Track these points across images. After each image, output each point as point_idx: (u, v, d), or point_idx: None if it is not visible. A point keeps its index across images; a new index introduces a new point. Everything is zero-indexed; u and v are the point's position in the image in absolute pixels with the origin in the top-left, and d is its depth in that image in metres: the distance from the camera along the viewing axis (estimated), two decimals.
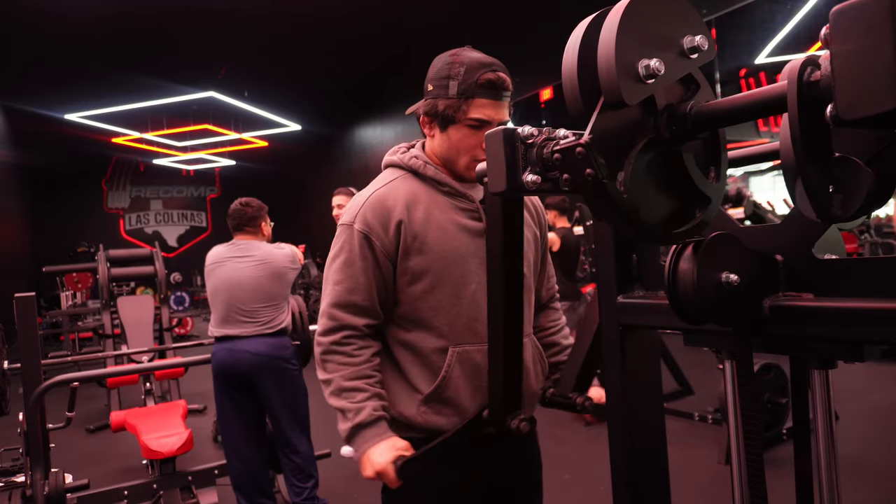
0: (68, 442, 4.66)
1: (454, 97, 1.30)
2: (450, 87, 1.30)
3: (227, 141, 12.97)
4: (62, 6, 6.95)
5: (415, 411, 1.36)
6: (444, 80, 1.32)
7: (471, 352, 1.34)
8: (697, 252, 0.68)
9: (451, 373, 1.33)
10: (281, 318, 3.01)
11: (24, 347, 2.72)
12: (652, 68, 0.65)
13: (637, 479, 0.85)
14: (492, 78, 1.30)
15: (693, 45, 0.69)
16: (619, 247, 0.87)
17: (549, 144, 0.85)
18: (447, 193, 1.38)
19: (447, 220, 1.36)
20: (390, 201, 1.36)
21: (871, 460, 3.51)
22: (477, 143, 1.32)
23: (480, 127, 1.31)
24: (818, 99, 0.57)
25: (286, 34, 8.37)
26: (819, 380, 0.73)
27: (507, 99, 1.34)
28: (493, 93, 1.31)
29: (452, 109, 1.31)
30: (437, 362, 1.34)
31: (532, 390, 1.44)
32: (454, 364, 1.33)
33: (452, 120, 1.32)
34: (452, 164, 1.38)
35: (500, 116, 1.32)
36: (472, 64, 1.30)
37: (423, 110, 1.37)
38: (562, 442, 4.24)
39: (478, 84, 1.29)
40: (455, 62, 1.32)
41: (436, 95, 1.33)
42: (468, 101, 1.30)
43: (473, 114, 1.30)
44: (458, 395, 1.34)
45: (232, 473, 2.95)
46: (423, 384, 1.35)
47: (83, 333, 9.32)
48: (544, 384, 1.46)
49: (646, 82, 0.66)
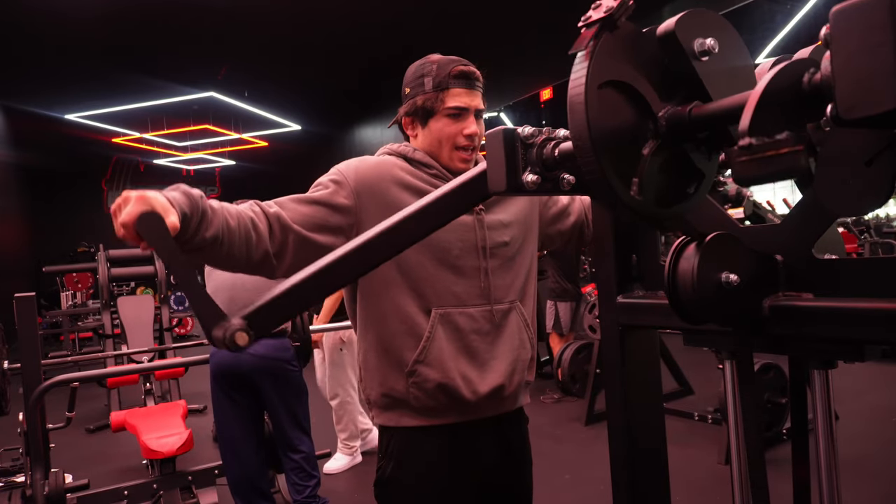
0: (68, 442, 4.66)
1: (431, 90, 1.40)
2: (425, 83, 1.40)
3: (227, 141, 12.98)
4: (62, 6, 6.95)
5: (403, 384, 1.38)
6: (419, 79, 1.42)
7: (452, 314, 1.38)
8: (697, 252, 0.68)
9: (434, 333, 1.37)
10: None
11: (24, 347, 2.72)
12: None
13: (637, 479, 0.85)
14: (463, 69, 1.40)
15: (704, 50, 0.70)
16: (619, 247, 0.87)
17: (550, 144, 0.85)
18: (434, 175, 1.43)
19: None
20: (382, 169, 1.42)
21: (871, 460, 3.52)
22: (457, 132, 1.41)
23: (459, 115, 1.40)
24: (818, 99, 0.57)
25: (286, 34, 8.38)
26: (819, 380, 0.73)
27: (479, 89, 1.43)
28: (467, 82, 1.40)
29: (431, 101, 1.40)
30: (421, 325, 1.37)
31: (520, 359, 1.47)
32: (437, 325, 1.37)
33: (431, 112, 1.41)
34: (437, 157, 1.44)
35: (475, 104, 1.42)
36: (443, 61, 1.41)
37: (404, 112, 1.46)
38: (562, 442, 4.24)
39: (451, 75, 1.39)
40: (427, 62, 1.43)
41: (413, 94, 1.43)
42: (444, 92, 1.39)
43: (450, 102, 1.39)
44: (441, 356, 1.37)
45: (229, 475, 2.95)
46: (408, 352, 1.37)
47: (83, 333, 9.33)
48: (531, 354, 1.50)
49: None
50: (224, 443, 2.97)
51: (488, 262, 1.41)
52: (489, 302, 1.42)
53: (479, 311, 1.41)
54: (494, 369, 1.42)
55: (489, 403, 1.43)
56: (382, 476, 1.43)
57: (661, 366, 0.94)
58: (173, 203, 0.98)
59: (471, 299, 1.40)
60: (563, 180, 0.87)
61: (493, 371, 1.41)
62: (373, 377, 1.42)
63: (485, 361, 1.41)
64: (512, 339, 1.45)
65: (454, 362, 1.38)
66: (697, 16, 0.71)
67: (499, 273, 1.44)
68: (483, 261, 1.41)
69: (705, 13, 0.72)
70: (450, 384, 1.37)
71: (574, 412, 4.76)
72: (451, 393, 1.37)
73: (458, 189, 0.95)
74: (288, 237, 1.25)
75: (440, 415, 1.40)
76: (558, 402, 5.09)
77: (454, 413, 1.40)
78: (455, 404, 1.39)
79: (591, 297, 5.06)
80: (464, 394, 1.38)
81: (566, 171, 0.87)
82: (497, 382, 1.41)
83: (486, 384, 1.40)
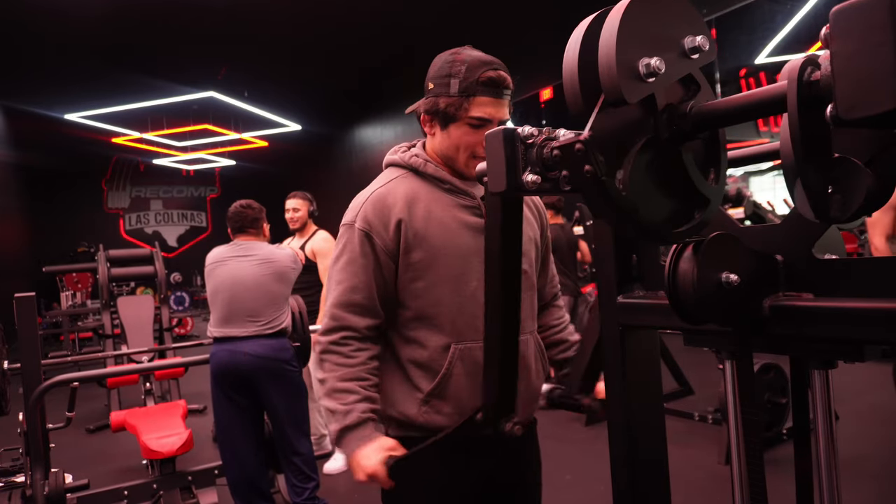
0: (68, 442, 4.66)
1: (455, 95, 1.31)
2: (451, 85, 1.31)
3: (227, 141, 12.97)
4: (63, 5, 6.95)
5: (416, 410, 1.36)
6: (445, 78, 1.33)
7: (473, 349, 1.34)
8: (697, 252, 0.68)
9: (452, 370, 1.33)
10: (282, 319, 3.00)
11: (24, 347, 2.71)
12: (653, 67, 0.65)
13: (637, 479, 0.85)
14: (493, 76, 1.31)
15: (694, 46, 0.69)
16: (620, 247, 0.87)
17: (549, 144, 0.85)
18: (448, 191, 1.38)
19: (449, 217, 1.37)
20: (390, 199, 1.37)
21: (871, 460, 3.51)
22: (477, 141, 1.33)
23: (481, 125, 1.32)
24: (818, 99, 0.57)
25: (286, 34, 8.38)
26: (819, 380, 0.73)
27: (507, 97, 1.35)
28: (495, 91, 1.31)
29: (454, 107, 1.32)
30: (440, 359, 1.34)
31: (533, 388, 1.44)
32: (455, 361, 1.34)
33: (453, 118, 1.33)
34: (453, 162, 1.38)
35: (500, 115, 1.33)
36: (474, 62, 1.31)
37: (424, 108, 1.38)
38: (562, 442, 4.24)
39: (479, 82, 1.30)
40: (456, 60, 1.33)
41: (437, 94, 1.34)
42: (469, 99, 1.31)
43: (474, 112, 1.31)
44: (458, 392, 1.34)
45: (229, 476, 2.94)
46: (424, 382, 1.35)
47: (83, 333, 9.33)
48: (546, 382, 1.47)
49: (646, 81, 0.66)
50: (224, 443, 2.97)
51: None
52: None
53: None
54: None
55: None
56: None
57: (661, 366, 0.94)
58: (383, 447, 1.30)
59: None
60: (563, 179, 0.87)
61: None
62: (385, 398, 1.41)
63: None
64: (528, 371, 1.43)
65: (470, 399, 1.34)
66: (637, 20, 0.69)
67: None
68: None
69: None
70: (464, 413, 1.34)
71: (574, 412, 4.76)
72: (463, 416, 1.34)
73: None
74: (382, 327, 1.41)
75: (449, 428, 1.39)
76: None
77: (464, 428, 1.38)
78: (466, 423, 1.37)
79: (591, 297, 5.06)
80: (477, 418, 1.36)
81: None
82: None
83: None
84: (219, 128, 11.83)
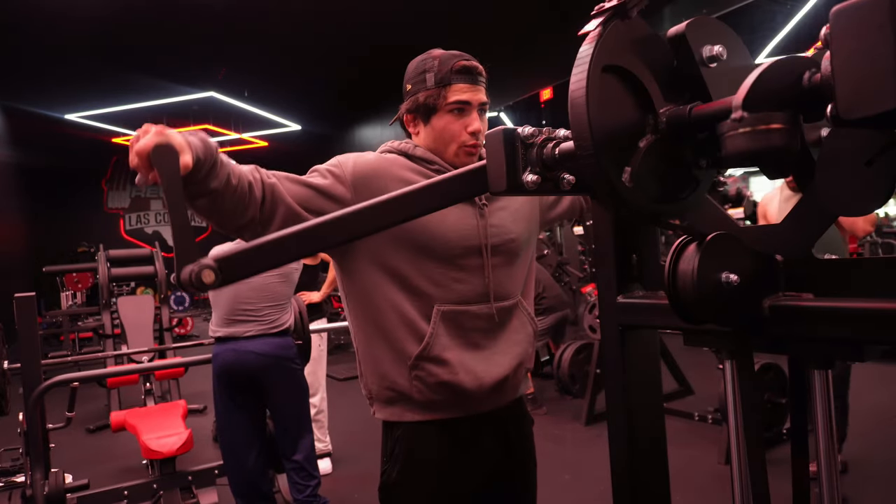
0: (68, 442, 4.66)
1: (433, 87, 1.37)
2: (427, 79, 1.38)
3: (227, 141, 12.96)
4: (63, 6, 6.95)
5: (406, 378, 1.36)
6: (420, 75, 1.40)
7: (455, 311, 1.37)
8: (697, 252, 0.68)
9: (436, 330, 1.35)
10: (285, 318, 3.01)
11: (24, 347, 2.71)
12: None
13: (637, 479, 0.85)
14: (465, 64, 1.37)
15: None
16: (619, 247, 0.87)
17: (550, 144, 0.85)
18: (436, 171, 1.40)
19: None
20: (381, 165, 1.38)
21: (871, 460, 3.51)
22: (461, 129, 1.38)
23: (462, 111, 1.37)
24: (818, 99, 0.57)
25: (286, 34, 8.37)
26: (819, 380, 0.73)
27: (482, 84, 1.41)
28: (469, 77, 1.38)
29: (433, 98, 1.37)
30: (424, 322, 1.36)
31: (525, 353, 1.47)
32: (439, 322, 1.36)
33: (434, 108, 1.38)
34: (442, 154, 1.41)
35: (478, 98, 1.39)
36: (445, 56, 1.39)
37: (406, 108, 1.43)
38: (562, 442, 4.24)
39: (453, 70, 1.37)
40: (428, 58, 1.40)
41: (415, 91, 1.40)
42: (447, 88, 1.37)
43: (452, 97, 1.36)
44: (445, 352, 1.36)
45: (230, 475, 2.94)
46: (410, 346, 1.36)
47: (83, 333, 9.32)
48: (535, 347, 1.51)
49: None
50: (225, 443, 2.97)
51: (491, 260, 1.40)
52: (493, 300, 1.41)
53: (482, 309, 1.39)
54: (499, 363, 1.41)
55: (492, 397, 1.42)
56: (388, 481, 1.42)
57: (661, 366, 0.94)
58: (191, 145, 1.00)
59: (474, 298, 1.39)
60: (564, 180, 0.87)
61: (498, 365, 1.41)
62: (373, 371, 1.41)
63: (489, 356, 1.40)
64: (516, 334, 1.46)
65: (458, 358, 1.37)
66: (706, 22, 0.72)
67: (502, 270, 1.43)
68: (486, 259, 1.40)
69: (712, 20, 0.73)
70: (453, 379, 1.36)
71: (574, 412, 4.76)
72: (454, 388, 1.36)
73: (458, 177, 0.94)
74: (278, 209, 1.24)
75: (442, 409, 1.39)
76: (546, 413, 4.99)
77: (456, 408, 1.39)
78: (458, 399, 1.38)
79: (591, 297, 5.06)
80: (468, 387, 1.37)
81: (566, 170, 0.87)
82: (502, 375, 1.41)
83: (491, 377, 1.40)
84: (219, 128, 11.83)
